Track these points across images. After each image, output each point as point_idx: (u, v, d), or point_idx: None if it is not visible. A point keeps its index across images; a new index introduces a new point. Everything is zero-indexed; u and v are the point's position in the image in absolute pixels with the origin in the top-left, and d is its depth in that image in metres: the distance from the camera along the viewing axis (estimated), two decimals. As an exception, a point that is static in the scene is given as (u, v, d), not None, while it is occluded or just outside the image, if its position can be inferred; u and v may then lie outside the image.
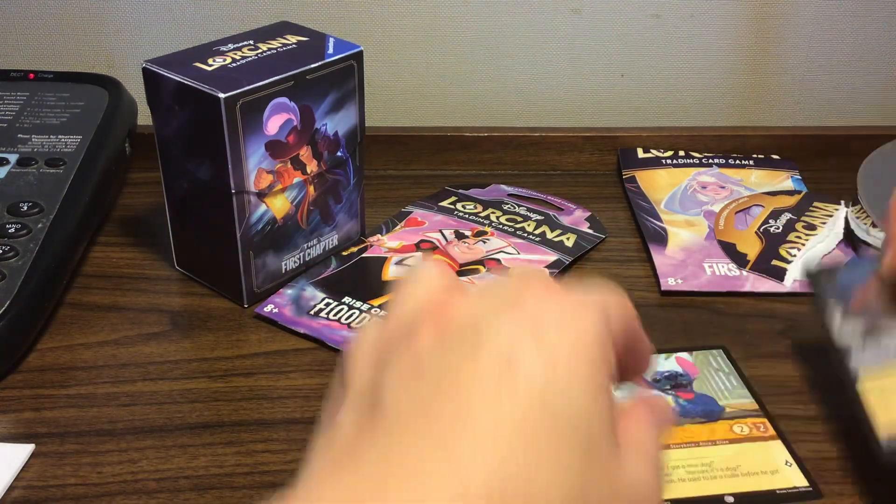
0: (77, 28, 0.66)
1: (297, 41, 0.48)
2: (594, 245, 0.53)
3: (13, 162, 0.51)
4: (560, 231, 0.54)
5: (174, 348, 0.45)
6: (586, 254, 0.52)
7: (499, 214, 0.56)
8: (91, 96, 0.57)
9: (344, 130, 0.49)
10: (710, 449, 0.38)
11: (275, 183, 0.47)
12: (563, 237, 0.53)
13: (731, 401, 0.40)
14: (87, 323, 0.47)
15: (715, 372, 0.42)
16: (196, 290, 0.50)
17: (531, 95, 0.69)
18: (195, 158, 0.46)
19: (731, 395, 0.41)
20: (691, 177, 0.60)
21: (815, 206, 0.56)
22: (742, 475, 0.36)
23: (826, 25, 0.66)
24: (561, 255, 0.52)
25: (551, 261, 0.51)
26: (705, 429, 0.39)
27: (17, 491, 0.37)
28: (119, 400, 0.42)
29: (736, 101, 0.69)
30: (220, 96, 0.43)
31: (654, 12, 0.66)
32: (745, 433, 0.38)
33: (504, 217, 0.55)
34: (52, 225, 0.47)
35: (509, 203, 0.57)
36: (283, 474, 0.38)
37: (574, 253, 0.52)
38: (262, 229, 0.47)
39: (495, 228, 0.54)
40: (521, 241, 0.53)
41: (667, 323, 0.47)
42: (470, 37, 0.67)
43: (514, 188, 0.59)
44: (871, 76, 0.68)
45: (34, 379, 0.43)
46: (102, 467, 0.38)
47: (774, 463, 0.37)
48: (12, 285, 0.44)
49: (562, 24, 0.66)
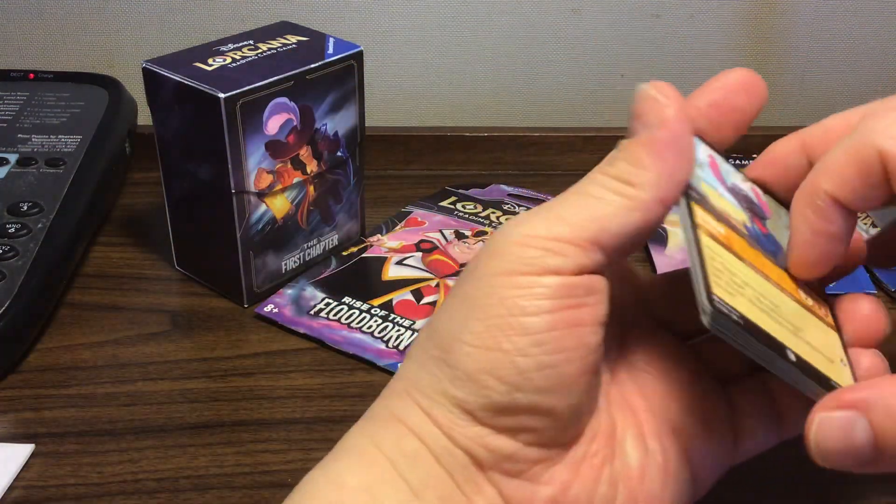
0: (77, 28, 0.66)
1: (297, 41, 0.48)
2: None
3: (13, 162, 0.52)
4: None
5: (174, 348, 0.45)
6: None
7: (499, 214, 0.56)
8: (91, 96, 0.57)
9: (344, 130, 0.49)
10: (778, 292, 0.30)
11: (275, 183, 0.47)
12: None
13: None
14: (87, 323, 0.47)
15: (784, 229, 0.33)
16: (196, 290, 0.50)
17: (531, 95, 0.69)
18: (195, 158, 0.46)
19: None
20: (691, 177, 0.60)
21: (815, 205, 0.56)
22: (804, 341, 0.30)
23: (826, 25, 0.66)
24: None
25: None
26: (775, 270, 0.31)
27: (17, 491, 0.37)
28: (119, 400, 0.42)
29: (736, 101, 0.69)
30: (221, 96, 0.43)
31: (654, 12, 0.66)
32: (808, 303, 0.31)
33: (504, 217, 0.55)
34: (52, 225, 0.47)
35: (509, 203, 0.57)
36: (282, 474, 0.38)
37: None
38: (262, 229, 0.47)
39: (495, 228, 0.54)
40: None
41: (667, 323, 0.47)
42: (470, 37, 0.67)
43: (515, 188, 0.59)
44: (871, 76, 0.68)
45: (34, 379, 0.43)
46: (102, 467, 0.38)
47: (833, 352, 0.30)
48: (12, 285, 0.44)
49: (562, 24, 0.66)
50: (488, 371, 0.27)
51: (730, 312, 0.27)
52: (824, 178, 0.29)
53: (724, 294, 0.28)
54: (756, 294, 0.29)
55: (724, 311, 0.27)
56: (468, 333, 0.27)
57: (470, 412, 0.27)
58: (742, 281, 0.29)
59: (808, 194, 0.29)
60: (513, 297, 0.27)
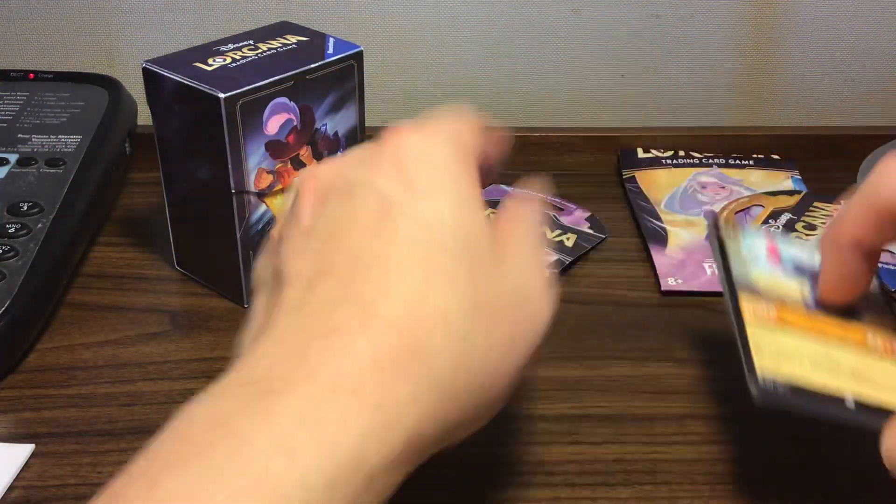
0: (77, 28, 0.66)
1: (297, 41, 0.48)
2: (594, 245, 0.53)
3: (13, 162, 0.52)
4: (560, 231, 0.54)
5: (174, 348, 0.45)
6: (587, 254, 0.52)
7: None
8: (91, 96, 0.57)
9: (344, 130, 0.49)
10: (838, 347, 0.35)
11: (275, 183, 0.47)
12: (564, 237, 0.53)
13: (871, 311, 0.37)
14: (87, 323, 0.47)
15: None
16: (196, 290, 0.50)
17: (531, 95, 0.69)
18: (195, 158, 0.46)
19: (871, 307, 0.37)
20: (691, 177, 0.60)
21: (815, 206, 0.56)
22: (867, 384, 0.33)
23: (826, 25, 0.66)
24: (561, 255, 0.52)
25: (551, 261, 0.51)
26: (838, 326, 0.36)
27: (17, 491, 0.37)
28: (119, 400, 0.42)
29: (736, 101, 0.69)
30: (221, 96, 0.43)
31: (654, 12, 0.66)
32: (878, 346, 0.35)
33: None
34: (52, 225, 0.47)
35: None
36: (282, 474, 0.38)
37: (574, 253, 0.52)
38: (263, 229, 0.47)
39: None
40: None
41: (667, 323, 0.47)
42: (470, 37, 0.67)
43: (513, 188, 0.59)
44: (871, 76, 0.68)
45: (34, 379, 0.43)
46: (102, 467, 0.38)
47: None
48: (12, 285, 0.44)
49: (562, 24, 0.66)
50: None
51: (775, 383, 0.32)
52: (846, 227, 0.35)
53: (767, 365, 0.33)
54: (810, 357, 0.34)
55: (770, 383, 0.32)
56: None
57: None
58: (792, 350, 0.34)
59: (831, 241, 0.35)
60: None
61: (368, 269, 0.28)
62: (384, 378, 0.26)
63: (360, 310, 0.27)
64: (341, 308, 0.27)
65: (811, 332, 0.35)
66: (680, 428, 0.40)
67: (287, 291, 0.29)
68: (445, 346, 0.27)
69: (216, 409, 0.26)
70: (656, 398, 0.42)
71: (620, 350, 0.45)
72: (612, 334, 0.46)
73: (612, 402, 0.42)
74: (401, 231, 0.29)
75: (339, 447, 0.25)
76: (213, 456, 0.24)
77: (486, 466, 0.33)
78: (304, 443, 0.24)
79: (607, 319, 0.47)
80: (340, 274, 0.28)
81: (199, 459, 0.24)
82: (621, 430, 0.40)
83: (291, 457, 0.24)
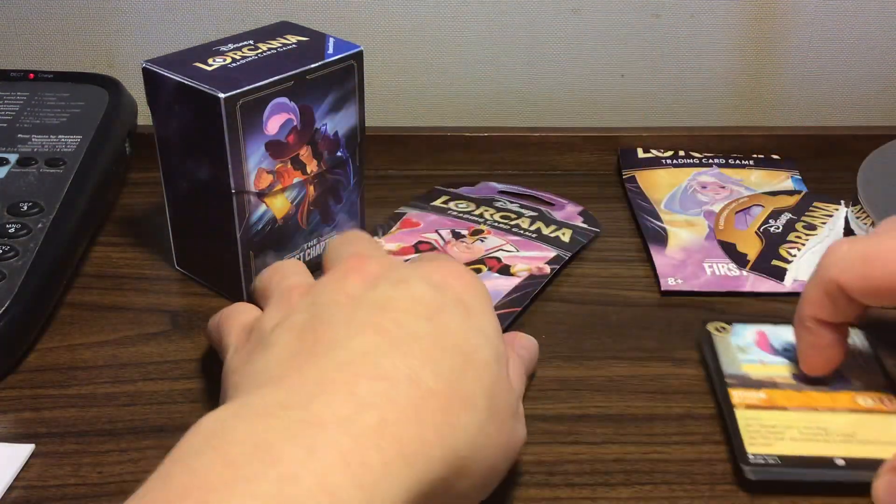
0: (77, 28, 0.66)
1: (297, 41, 0.48)
2: (590, 240, 0.53)
3: (13, 162, 0.52)
4: (555, 226, 0.54)
5: (174, 348, 0.45)
6: (583, 249, 0.52)
7: (492, 212, 0.55)
8: (91, 96, 0.57)
9: (344, 130, 0.49)
10: (828, 415, 0.38)
11: (275, 183, 0.47)
12: (559, 232, 0.53)
13: (861, 374, 0.40)
14: (87, 323, 0.47)
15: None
16: (196, 290, 0.50)
17: (531, 95, 0.69)
18: (195, 158, 0.46)
19: (861, 370, 0.41)
20: (691, 177, 0.60)
21: (815, 206, 0.56)
22: (857, 442, 0.37)
23: (826, 25, 0.66)
24: (560, 250, 0.52)
25: (551, 256, 0.51)
26: (827, 396, 0.39)
27: (17, 491, 0.37)
28: (119, 400, 0.42)
29: (736, 101, 0.69)
30: (220, 96, 0.43)
31: (654, 12, 0.66)
32: (868, 405, 0.39)
33: (498, 214, 0.55)
34: (52, 225, 0.47)
35: (501, 200, 0.57)
36: (282, 474, 0.38)
37: (571, 248, 0.52)
38: (263, 229, 0.47)
39: (490, 226, 0.54)
40: (518, 237, 0.53)
41: (667, 323, 0.47)
42: (470, 37, 0.67)
43: (504, 185, 0.59)
44: (871, 76, 0.68)
45: (34, 379, 0.43)
46: (102, 467, 0.38)
47: (893, 435, 0.37)
48: (12, 285, 0.44)
49: (562, 24, 0.66)
50: None
51: (765, 458, 0.36)
52: (806, 307, 0.38)
53: (759, 449, 0.37)
54: (799, 430, 0.37)
55: (761, 461, 0.36)
56: None
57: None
58: (783, 427, 0.37)
59: (798, 320, 0.39)
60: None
61: (418, 342, 0.30)
62: (422, 435, 0.28)
63: (407, 369, 0.29)
64: (391, 360, 0.29)
65: (801, 406, 0.39)
66: (680, 428, 0.40)
67: (323, 341, 0.30)
68: (470, 421, 0.30)
69: (257, 430, 0.26)
70: (656, 398, 0.42)
71: (620, 350, 0.45)
72: (612, 334, 0.46)
73: (612, 402, 0.42)
74: (449, 325, 0.31)
75: (375, 494, 0.26)
76: (258, 489, 0.24)
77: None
78: (346, 487, 0.25)
79: (607, 319, 0.47)
80: (391, 336, 0.30)
81: (245, 490, 0.24)
82: (621, 430, 0.40)
83: (333, 499, 0.25)
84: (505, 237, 0.53)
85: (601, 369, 0.44)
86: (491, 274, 0.49)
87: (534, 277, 0.49)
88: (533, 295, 0.48)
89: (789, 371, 0.41)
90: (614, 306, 0.49)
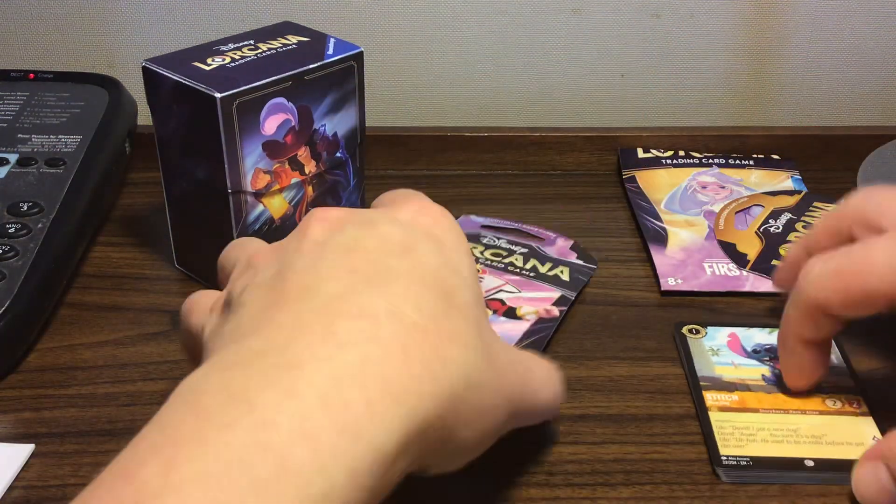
0: (77, 28, 0.66)
1: (298, 41, 0.48)
2: (590, 277, 0.50)
3: (13, 162, 0.52)
4: (551, 264, 0.51)
5: (174, 348, 0.45)
6: (585, 287, 0.50)
7: (481, 249, 0.52)
8: (91, 96, 0.57)
9: (343, 131, 0.49)
10: (798, 417, 0.39)
11: (272, 183, 0.47)
12: (557, 270, 0.50)
13: (829, 377, 0.41)
14: (87, 323, 0.47)
15: None
16: (196, 289, 0.50)
17: (531, 95, 0.69)
18: (193, 158, 0.46)
19: (830, 373, 0.41)
20: (691, 177, 0.60)
21: (815, 206, 0.56)
22: (826, 443, 0.38)
23: (826, 25, 0.66)
24: (563, 290, 0.48)
25: (556, 297, 0.48)
26: (797, 399, 0.40)
27: (17, 491, 0.37)
28: (119, 400, 0.42)
29: (736, 101, 0.69)
30: (217, 96, 0.43)
31: (654, 12, 0.66)
32: (836, 407, 0.40)
33: (489, 252, 0.51)
34: (52, 225, 0.47)
35: (487, 236, 0.53)
36: (282, 474, 0.38)
37: (574, 287, 0.49)
38: (260, 229, 0.47)
39: (484, 265, 0.50)
40: (516, 277, 0.49)
41: (667, 323, 0.47)
42: (470, 37, 0.67)
43: (485, 218, 0.55)
44: (871, 76, 0.68)
45: (34, 379, 0.43)
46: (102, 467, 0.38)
47: (861, 436, 0.38)
48: (12, 285, 0.44)
49: (562, 24, 0.66)
50: None
51: (738, 460, 0.37)
52: (789, 328, 0.39)
53: (731, 451, 0.38)
54: (770, 432, 0.38)
55: (734, 463, 0.37)
56: None
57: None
58: (755, 429, 0.39)
59: (782, 342, 0.40)
60: None
61: (396, 278, 0.28)
62: (410, 370, 0.26)
63: (388, 304, 0.27)
64: (369, 298, 0.27)
65: (772, 408, 0.40)
66: (680, 428, 0.40)
67: (292, 293, 0.28)
68: (460, 356, 0.28)
69: (231, 379, 0.25)
70: (656, 398, 0.42)
71: (620, 350, 0.45)
72: (612, 334, 0.46)
73: (612, 402, 0.42)
74: (424, 262, 0.29)
75: (360, 437, 0.24)
76: (232, 437, 0.23)
77: (486, 466, 0.33)
78: (327, 430, 0.24)
79: (607, 319, 0.47)
80: (365, 274, 0.28)
81: (217, 439, 0.23)
82: (621, 430, 0.40)
83: (314, 444, 0.23)
84: (502, 276, 0.49)
85: (601, 369, 0.44)
86: (497, 317, 0.46)
87: (544, 321, 0.46)
88: (548, 339, 0.45)
89: (760, 373, 0.42)
90: (614, 306, 0.49)
